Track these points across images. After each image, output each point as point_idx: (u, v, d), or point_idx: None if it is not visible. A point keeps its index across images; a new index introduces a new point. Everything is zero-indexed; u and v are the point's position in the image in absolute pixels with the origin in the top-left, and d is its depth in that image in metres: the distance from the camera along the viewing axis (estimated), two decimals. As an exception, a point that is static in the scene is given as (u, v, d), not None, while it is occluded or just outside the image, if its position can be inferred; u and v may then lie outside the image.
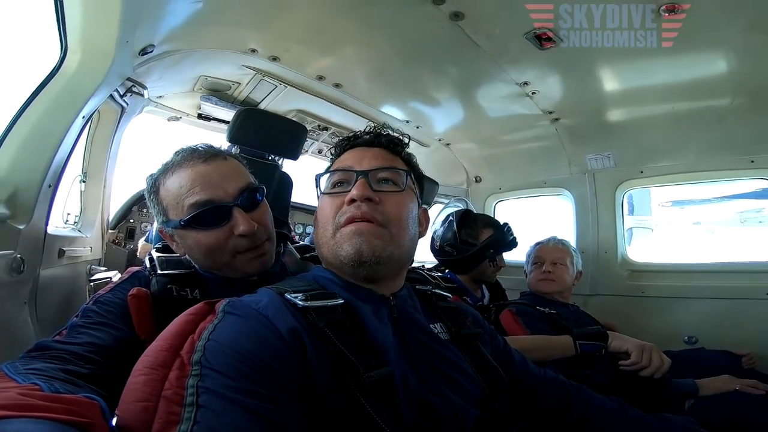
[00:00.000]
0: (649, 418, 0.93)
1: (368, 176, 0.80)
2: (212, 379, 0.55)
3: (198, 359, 0.57)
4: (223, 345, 0.59)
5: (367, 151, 0.87)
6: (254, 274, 0.95)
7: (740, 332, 1.96)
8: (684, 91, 1.87)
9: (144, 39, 1.31)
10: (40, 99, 1.09)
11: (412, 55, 1.81)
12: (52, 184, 1.28)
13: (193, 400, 0.53)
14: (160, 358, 0.61)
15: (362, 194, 0.77)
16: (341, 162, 0.87)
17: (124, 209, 2.43)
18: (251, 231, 0.89)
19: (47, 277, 1.44)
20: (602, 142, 2.35)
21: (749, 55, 1.59)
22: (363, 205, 0.77)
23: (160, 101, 2.07)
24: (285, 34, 1.68)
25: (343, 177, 0.83)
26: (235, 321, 0.63)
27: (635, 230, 3.37)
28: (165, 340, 0.64)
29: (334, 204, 0.80)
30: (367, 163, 0.83)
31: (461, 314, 0.94)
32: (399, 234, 0.79)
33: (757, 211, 7.26)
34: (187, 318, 0.67)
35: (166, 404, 0.55)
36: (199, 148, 0.94)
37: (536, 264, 1.94)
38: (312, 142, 2.73)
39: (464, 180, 3.12)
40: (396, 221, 0.79)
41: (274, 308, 0.66)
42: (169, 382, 0.57)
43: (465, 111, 2.37)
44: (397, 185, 0.83)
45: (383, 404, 0.63)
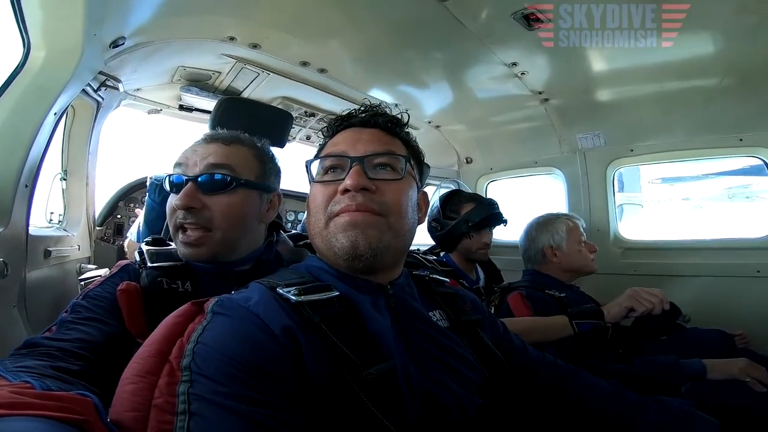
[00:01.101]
0: (645, 401, 0.92)
1: (363, 162, 0.75)
2: (203, 385, 0.53)
3: (187, 364, 0.55)
4: (213, 348, 0.56)
5: (362, 133, 0.81)
6: (188, 259, 0.92)
7: (732, 311, 1.99)
8: (673, 70, 1.85)
9: (113, 32, 1.25)
10: (6, 97, 1.04)
11: (399, 37, 1.76)
12: (29, 184, 1.24)
13: (185, 407, 0.51)
14: (147, 365, 0.59)
15: (357, 183, 0.72)
16: (334, 145, 0.81)
17: (110, 205, 2.38)
18: (181, 205, 0.88)
19: (35, 279, 1.42)
20: (592, 121, 2.34)
21: (739, 36, 1.58)
22: (358, 195, 0.72)
23: (137, 94, 2.00)
24: (264, 21, 1.61)
25: (336, 162, 0.78)
26: (224, 322, 0.61)
27: (625, 207, 3.39)
28: (152, 346, 0.62)
29: (327, 192, 0.75)
30: (362, 148, 0.77)
31: (460, 300, 0.92)
32: (398, 223, 0.75)
33: (744, 187, 7.35)
34: (175, 320, 0.65)
35: (157, 413, 0.53)
36: (218, 132, 0.98)
37: (584, 242, 1.84)
38: (299, 128, 2.68)
39: (455, 161, 3.10)
40: (395, 211, 0.74)
41: (265, 305, 0.63)
42: (159, 389, 0.55)
43: (454, 93, 2.34)
44: (395, 171, 0.77)
45: (385, 400, 0.62)
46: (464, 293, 0.97)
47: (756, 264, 1.99)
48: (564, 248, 1.82)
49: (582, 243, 1.83)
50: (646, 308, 1.35)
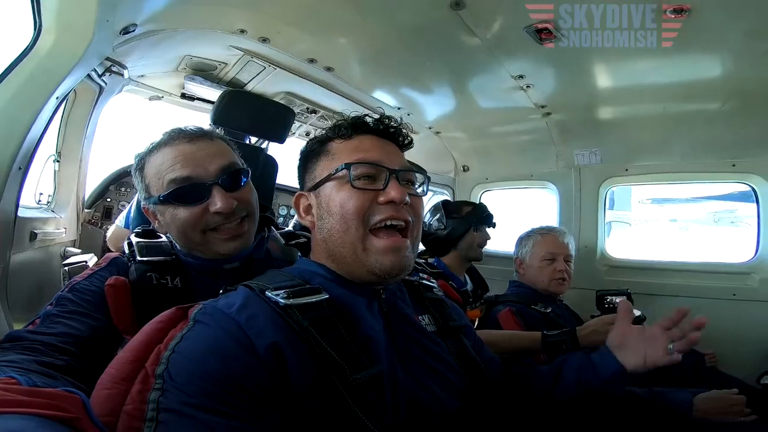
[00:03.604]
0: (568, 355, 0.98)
1: (398, 176, 0.77)
2: (173, 395, 0.54)
3: (161, 372, 0.56)
4: (187, 359, 0.57)
5: (388, 144, 0.83)
6: (228, 255, 0.91)
7: (707, 331, 2.03)
8: (677, 92, 1.88)
9: (126, 18, 1.22)
10: (10, 79, 1.01)
11: (408, 41, 1.76)
12: (23, 167, 1.21)
13: (154, 415, 0.53)
14: (123, 372, 0.60)
15: (404, 197, 0.75)
16: (364, 151, 0.78)
17: (102, 188, 2.33)
18: (228, 209, 0.87)
19: (18, 263, 1.38)
20: (591, 138, 2.37)
21: (746, 60, 1.60)
22: (402, 209, 0.75)
23: (141, 80, 1.96)
24: (276, 15, 1.59)
25: (372, 171, 0.77)
26: (202, 332, 0.61)
27: (613, 224, 3.46)
28: (131, 352, 0.62)
29: (363, 199, 0.75)
30: (396, 161, 0.80)
31: (447, 306, 0.94)
32: (417, 238, 0.80)
33: (730, 212, 7.61)
34: (156, 326, 0.65)
35: (127, 419, 0.55)
36: (188, 129, 0.94)
37: (548, 260, 1.80)
38: (300, 124, 2.65)
39: (452, 169, 3.10)
40: (417, 225, 0.79)
41: (248, 315, 0.63)
42: (131, 396, 0.57)
43: (457, 100, 2.34)
44: (418, 188, 0.83)
45: (371, 405, 0.63)
46: (449, 302, 0.99)
47: (733, 288, 2.07)
48: (527, 262, 1.84)
49: (546, 260, 1.79)
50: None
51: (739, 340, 1.94)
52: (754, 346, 1.91)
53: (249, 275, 0.77)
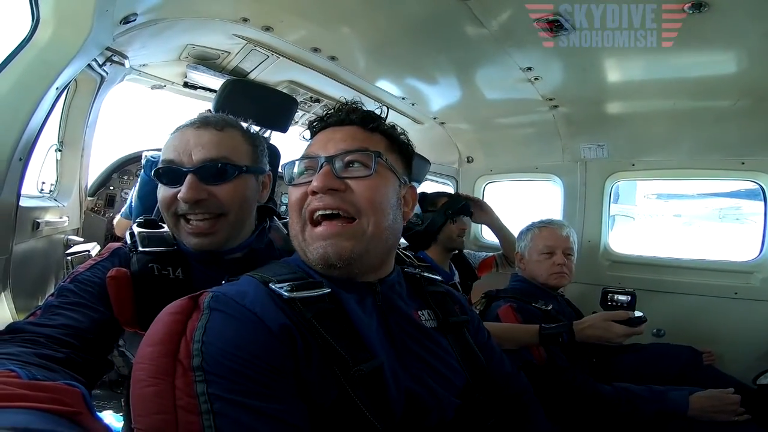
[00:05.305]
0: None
1: (333, 162, 0.74)
2: (218, 384, 0.55)
3: (199, 364, 0.56)
4: (220, 348, 0.57)
5: (336, 132, 0.80)
6: (195, 249, 0.90)
7: (707, 329, 2.05)
8: (688, 88, 1.84)
9: (126, 8, 1.20)
10: (9, 71, 1.00)
11: (415, 30, 1.72)
12: (23, 158, 1.20)
13: (208, 407, 0.54)
14: (162, 366, 0.58)
15: (323, 185, 0.72)
16: (309, 147, 0.81)
17: (104, 176, 2.33)
18: (190, 199, 0.86)
19: (21, 252, 1.39)
20: (598, 132, 2.34)
21: (763, 59, 1.56)
22: (325, 197, 0.72)
23: (143, 69, 1.94)
24: (280, 4, 1.56)
25: (309, 164, 0.77)
26: (224, 320, 0.61)
27: (617, 218, 3.44)
28: (161, 345, 0.60)
29: (299, 194, 0.75)
30: (332, 147, 0.77)
31: (450, 300, 0.92)
32: (374, 223, 0.73)
33: (736, 209, 7.55)
34: (174, 317, 0.63)
35: (184, 414, 0.55)
36: (207, 117, 0.95)
37: (546, 254, 1.76)
38: (303, 113, 2.63)
39: (456, 159, 3.08)
40: (368, 209, 0.73)
41: (261, 303, 0.64)
42: (180, 391, 0.56)
43: (463, 91, 2.30)
44: (366, 168, 0.75)
45: (372, 398, 0.63)
46: (455, 294, 0.98)
47: (734, 286, 2.05)
48: (526, 256, 1.82)
49: (544, 254, 1.77)
50: (615, 343, 1.36)
51: (738, 339, 1.95)
52: (753, 346, 1.92)
53: (251, 266, 0.77)
